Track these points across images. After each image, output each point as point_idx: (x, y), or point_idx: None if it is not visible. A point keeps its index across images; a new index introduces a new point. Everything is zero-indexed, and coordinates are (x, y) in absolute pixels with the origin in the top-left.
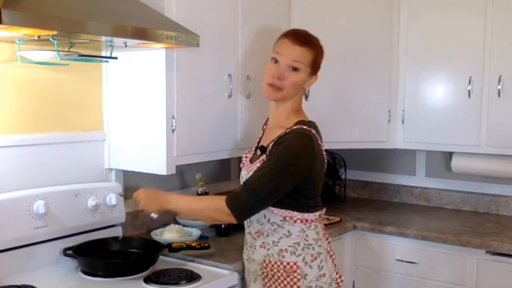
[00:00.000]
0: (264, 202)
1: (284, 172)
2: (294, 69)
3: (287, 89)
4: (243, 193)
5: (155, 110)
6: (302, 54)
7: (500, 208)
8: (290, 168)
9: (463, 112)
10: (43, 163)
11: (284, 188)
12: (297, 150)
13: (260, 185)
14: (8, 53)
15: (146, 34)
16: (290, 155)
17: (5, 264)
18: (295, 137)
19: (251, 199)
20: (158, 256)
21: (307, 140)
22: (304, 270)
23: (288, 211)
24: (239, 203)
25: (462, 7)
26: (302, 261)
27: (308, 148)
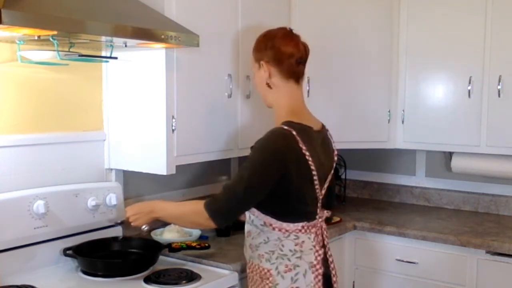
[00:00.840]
0: (241, 204)
1: (256, 172)
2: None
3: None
4: (220, 196)
5: (155, 110)
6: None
7: (500, 208)
8: (261, 168)
9: (463, 112)
10: (43, 163)
11: (259, 189)
12: (266, 150)
13: (235, 187)
14: (8, 53)
15: (146, 34)
16: (260, 156)
17: (5, 264)
18: (266, 137)
19: (228, 201)
20: (158, 256)
21: (278, 140)
22: (276, 279)
23: (267, 217)
24: (217, 206)
25: (462, 7)
26: (275, 270)
27: (279, 147)
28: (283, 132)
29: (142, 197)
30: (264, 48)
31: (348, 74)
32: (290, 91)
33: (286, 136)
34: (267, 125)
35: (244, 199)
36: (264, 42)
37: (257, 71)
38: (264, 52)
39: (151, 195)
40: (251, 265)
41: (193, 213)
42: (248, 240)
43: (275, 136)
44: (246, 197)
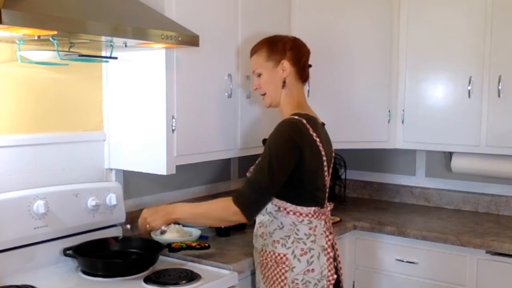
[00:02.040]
0: (267, 193)
1: (274, 160)
2: (258, 75)
3: (266, 91)
4: (245, 189)
5: (155, 110)
6: (255, 61)
7: (500, 208)
8: (279, 156)
9: (463, 112)
10: (43, 163)
11: (280, 176)
12: (280, 138)
13: (259, 179)
14: (8, 53)
15: (146, 34)
16: (276, 143)
17: (5, 264)
18: (280, 125)
19: (255, 193)
20: (158, 256)
21: (292, 127)
22: (292, 262)
23: (281, 201)
24: (244, 199)
25: (462, 7)
26: (291, 254)
27: (292, 134)
28: (294, 121)
29: (142, 197)
30: (284, 49)
31: (348, 74)
32: (299, 91)
33: (297, 124)
34: (267, 125)
35: (269, 188)
36: (282, 43)
37: (271, 70)
38: (285, 52)
39: (151, 195)
40: (264, 253)
41: (221, 208)
42: (261, 230)
43: (286, 125)
44: (271, 186)
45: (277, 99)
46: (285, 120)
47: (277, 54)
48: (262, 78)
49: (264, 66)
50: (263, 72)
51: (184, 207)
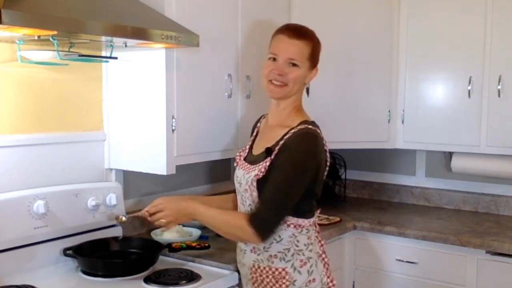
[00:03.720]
0: (283, 213)
1: (297, 178)
2: (294, 64)
3: (291, 84)
4: (262, 211)
5: (155, 110)
6: (299, 48)
7: (500, 208)
8: (301, 173)
9: (463, 112)
10: (43, 163)
11: (297, 193)
12: (305, 153)
13: (275, 198)
14: (8, 53)
15: (146, 34)
16: (300, 160)
17: (5, 264)
18: (302, 139)
19: (271, 215)
20: (158, 256)
21: (314, 141)
22: (293, 276)
23: None
24: (261, 223)
25: (462, 7)
26: (291, 267)
27: (315, 149)
28: (315, 134)
29: (142, 197)
30: (318, 53)
31: (348, 73)
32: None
33: (318, 137)
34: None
35: (285, 208)
36: (319, 46)
37: (306, 69)
38: (317, 57)
39: (151, 195)
40: (257, 269)
41: (237, 227)
42: (250, 245)
43: (308, 138)
44: (287, 205)
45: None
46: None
47: (316, 58)
48: (295, 71)
49: (303, 61)
50: (301, 66)
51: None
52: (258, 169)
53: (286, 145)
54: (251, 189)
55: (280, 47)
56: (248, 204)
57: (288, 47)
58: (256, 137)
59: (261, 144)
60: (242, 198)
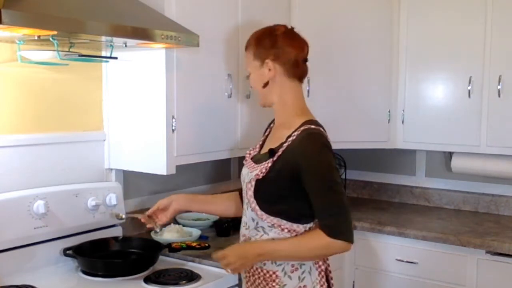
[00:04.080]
0: (348, 209)
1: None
2: (248, 75)
3: (258, 91)
4: (333, 220)
5: (155, 110)
6: (245, 59)
7: (500, 208)
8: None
9: (463, 112)
10: (43, 163)
11: (342, 187)
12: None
13: (334, 200)
14: (8, 53)
15: (146, 34)
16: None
17: (5, 264)
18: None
19: (342, 218)
20: (158, 256)
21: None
22: (283, 280)
23: (277, 218)
24: (340, 229)
25: (462, 7)
26: (281, 271)
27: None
28: (320, 133)
29: (142, 197)
30: (270, 47)
31: (348, 74)
32: (293, 90)
33: (323, 135)
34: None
35: (345, 203)
36: (269, 40)
37: (258, 70)
38: (270, 50)
39: (151, 195)
40: (251, 269)
41: (323, 248)
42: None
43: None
44: (344, 200)
45: (268, 100)
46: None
47: (262, 52)
48: (251, 78)
49: (252, 65)
50: (252, 71)
51: (275, 248)
52: (259, 169)
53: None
54: (248, 187)
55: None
56: (246, 202)
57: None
58: (267, 137)
59: (269, 144)
60: (245, 196)
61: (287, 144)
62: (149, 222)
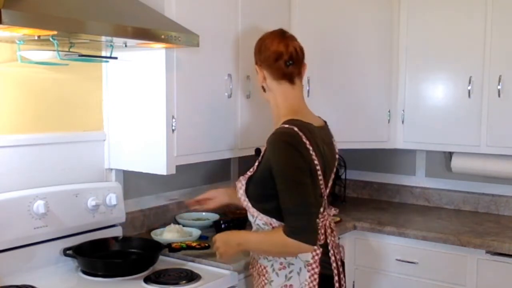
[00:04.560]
0: (313, 210)
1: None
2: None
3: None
4: (291, 219)
5: (155, 110)
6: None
7: (500, 208)
8: (295, 168)
9: (463, 112)
10: (43, 163)
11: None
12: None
13: (294, 200)
14: (8, 53)
15: (146, 34)
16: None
17: (5, 264)
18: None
19: (301, 217)
20: (158, 256)
21: (285, 138)
22: (271, 276)
23: (267, 217)
24: (296, 229)
25: (462, 7)
26: (270, 267)
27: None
28: (287, 131)
29: (142, 197)
30: (258, 52)
31: (348, 74)
32: (284, 92)
33: (290, 133)
34: (267, 125)
35: (309, 204)
36: (258, 45)
37: (256, 75)
38: (257, 55)
39: (151, 195)
40: (252, 261)
41: (281, 245)
42: None
43: (281, 136)
44: (307, 201)
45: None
46: (278, 133)
47: (256, 58)
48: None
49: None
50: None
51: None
52: (252, 168)
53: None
54: (239, 187)
55: None
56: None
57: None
58: None
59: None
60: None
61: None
62: (194, 206)
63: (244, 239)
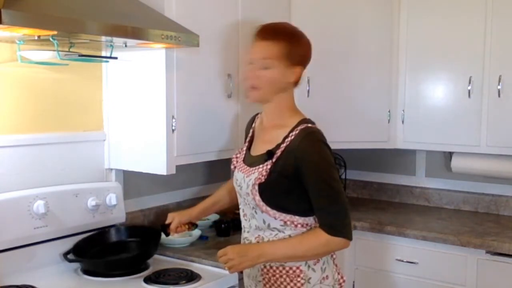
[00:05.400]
0: (347, 207)
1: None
2: (266, 67)
3: (265, 87)
4: (332, 218)
5: (155, 110)
6: (269, 49)
7: (500, 208)
8: (333, 167)
9: (463, 112)
10: (43, 163)
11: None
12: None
13: (335, 200)
14: (8, 53)
15: (146, 34)
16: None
17: (5, 264)
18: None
19: (342, 216)
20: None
21: (321, 137)
22: (308, 274)
23: (289, 215)
24: (340, 227)
25: (462, 7)
26: (305, 265)
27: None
28: (318, 130)
29: (142, 197)
30: (305, 54)
31: (348, 74)
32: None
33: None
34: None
35: (345, 202)
36: (304, 47)
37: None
38: (304, 58)
39: (151, 195)
40: (270, 269)
41: (323, 245)
42: None
43: (317, 135)
44: (344, 200)
45: (269, 98)
46: (309, 132)
47: (296, 56)
48: (268, 73)
49: (276, 61)
50: (273, 67)
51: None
52: (258, 172)
53: (298, 150)
54: (253, 193)
55: (254, 50)
56: (252, 207)
57: (258, 49)
58: (252, 137)
59: (259, 145)
60: (245, 201)
61: (285, 144)
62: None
63: (267, 249)
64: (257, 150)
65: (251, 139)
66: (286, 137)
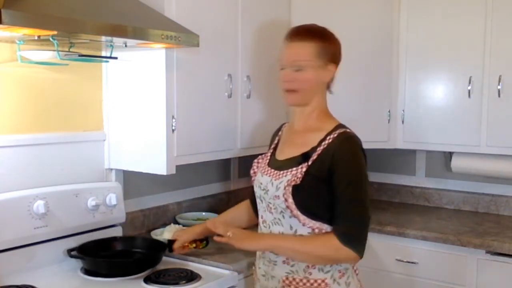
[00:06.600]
0: (369, 224)
1: (366, 185)
2: (299, 69)
3: (302, 89)
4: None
5: (155, 110)
6: (301, 50)
7: (500, 208)
8: (366, 179)
9: (463, 112)
10: (43, 163)
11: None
12: (360, 159)
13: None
14: (8, 53)
15: (146, 34)
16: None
17: (5, 264)
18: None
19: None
20: (161, 256)
21: (360, 144)
22: (333, 287)
23: (319, 223)
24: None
25: (462, 7)
26: (330, 278)
27: (363, 151)
28: (357, 137)
29: (142, 197)
30: (336, 52)
31: (348, 73)
32: (325, 94)
33: (360, 140)
34: (267, 125)
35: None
36: (335, 45)
37: (318, 69)
38: (337, 56)
39: (151, 195)
40: (292, 281)
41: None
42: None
43: (355, 143)
44: (369, 216)
45: (309, 101)
46: (354, 137)
47: (329, 54)
48: (303, 74)
49: (311, 62)
50: (308, 68)
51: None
52: (292, 175)
53: (336, 153)
54: (286, 195)
55: (284, 54)
56: (280, 211)
57: (293, 50)
58: (278, 142)
59: (288, 149)
60: (269, 206)
61: (322, 148)
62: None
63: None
64: (286, 154)
65: (275, 145)
66: (323, 140)
